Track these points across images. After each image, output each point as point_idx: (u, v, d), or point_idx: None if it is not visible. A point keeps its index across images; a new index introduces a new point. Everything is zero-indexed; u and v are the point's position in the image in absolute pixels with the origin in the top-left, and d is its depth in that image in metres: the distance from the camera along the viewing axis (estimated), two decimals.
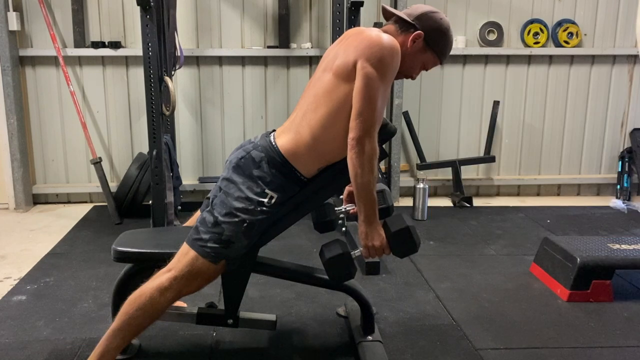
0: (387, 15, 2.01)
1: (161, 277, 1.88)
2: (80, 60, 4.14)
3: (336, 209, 2.17)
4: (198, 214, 2.12)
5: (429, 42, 1.93)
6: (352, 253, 1.96)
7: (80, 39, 4.06)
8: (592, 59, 4.47)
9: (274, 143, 1.93)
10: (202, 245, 1.88)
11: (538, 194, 4.69)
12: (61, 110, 4.20)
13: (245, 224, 1.87)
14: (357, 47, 1.83)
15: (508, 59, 4.42)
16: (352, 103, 1.83)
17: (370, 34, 1.85)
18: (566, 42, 4.37)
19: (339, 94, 1.85)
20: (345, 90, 1.84)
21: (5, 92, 3.99)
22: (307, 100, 1.94)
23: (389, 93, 1.88)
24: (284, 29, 4.19)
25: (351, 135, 1.82)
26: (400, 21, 1.95)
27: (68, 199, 4.37)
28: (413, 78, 2.03)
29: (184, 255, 1.89)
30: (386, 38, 1.84)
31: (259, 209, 1.88)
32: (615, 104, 4.56)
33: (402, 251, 1.95)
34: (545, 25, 4.35)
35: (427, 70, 2.02)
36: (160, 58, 3.28)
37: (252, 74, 4.27)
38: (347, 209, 2.18)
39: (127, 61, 4.16)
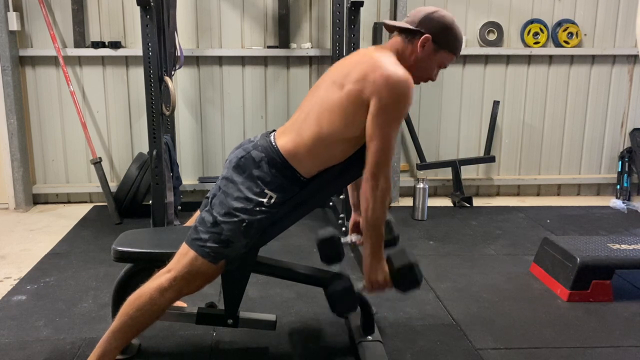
0: (390, 29, 2.01)
1: (161, 278, 1.88)
2: (80, 60, 4.14)
3: (342, 240, 2.20)
4: (198, 213, 2.12)
5: (439, 42, 1.93)
6: (355, 286, 2.03)
7: (80, 39, 4.06)
8: (592, 59, 4.46)
9: (274, 143, 1.93)
10: (201, 245, 1.88)
11: (538, 194, 4.69)
12: (61, 110, 4.20)
13: (244, 224, 1.87)
14: (375, 83, 1.82)
15: (508, 59, 4.42)
16: (357, 123, 1.85)
17: (388, 70, 1.83)
18: (566, 42, 4.37)
19: (347, 114, 1.86)
20: (354, 113, 1.85)
21: (5, 92, 3.99)
22: (312, 106, 1.94)
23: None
24: (284, 29, 4.19)
25: (367, 169, 1.85)
26: (404, 31, 1.95)
27: (68, 199, 4.37)
28: (433, 79, 2.04)
29: (184, 256, 1.89)
30: (402, 75, 1.83)
31: (258, 209, 1.88)
32: (615, 104, 4.56)
33: (404, 287, 2.00)
34: (545, 25, 4.35)
35: (445, 67, 2.02)
36: (160, 58, 3.28)
37: (252, 74, 4.27)
38: (353, 240, 2.23)
39: (127, 61, 4.16)
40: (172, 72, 3.59)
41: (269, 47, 4.23)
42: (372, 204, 1.85)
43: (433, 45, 1.93)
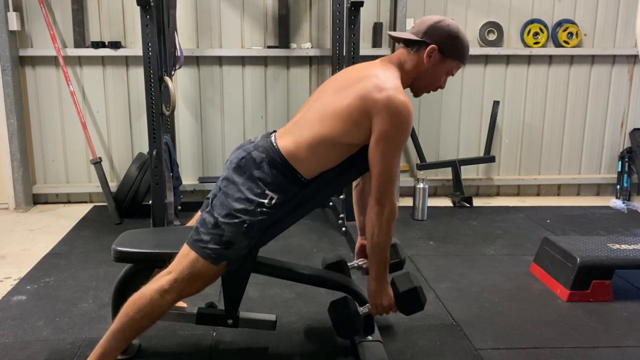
0: (395, 40, 2.01)
1: (161, 280, 1.88)
2: (80, 60, 4.14)
3: (349, 264, 2.21)
4: (199, 214, 2.12)
5: (445, 52, 1.93)
6: (359, 310, 2.05)
7: (80, 39, 4.06)
8: (592, 59, 4.46)
9: (275, 144, 1.93)
10: (202, 247, 1.88)
11: (538, 194, 4.69)
12: (61, 110, 4.20)
13: (245, 225, 1.87)
14: (376, 104, 1.82)
15: (508, 59, 4.42)
16: (356, 132, 1.86)
17: (390, 94, 1.82)
18: (566, 42, 4.37)
19: (348, 123, 1.86)
20: (355, 123, 1.86)
21: (5, 92, 3.99)
22: (316, 110, 1.95)
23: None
24: (284, 29, 4.19)
25: (372, 195, 1.88)
26: (410, 42, 1.95)
27: (68, 199, 4.37)
28: (442, 87, 2.04)
29: (185, 257, 1.89)
30: (403, 101, 1.83)
31: (259, 210, 1.88)
32: (615, 104, 4.56)
33: (408, 310, 2.05)
34: (545, 25, 4.35)
35: (453, 75, 2.02)
36: (160, 58, 3.28)
37: (252, 74, 4.27)
38: (360, 263, 2.25)
39: (127, 61, 4.16)
40: (172, 72, 3.58)
41: (269, 47, 4.23)
42: (377, 229, 1.89)
43: (439, 55, 1.93)
